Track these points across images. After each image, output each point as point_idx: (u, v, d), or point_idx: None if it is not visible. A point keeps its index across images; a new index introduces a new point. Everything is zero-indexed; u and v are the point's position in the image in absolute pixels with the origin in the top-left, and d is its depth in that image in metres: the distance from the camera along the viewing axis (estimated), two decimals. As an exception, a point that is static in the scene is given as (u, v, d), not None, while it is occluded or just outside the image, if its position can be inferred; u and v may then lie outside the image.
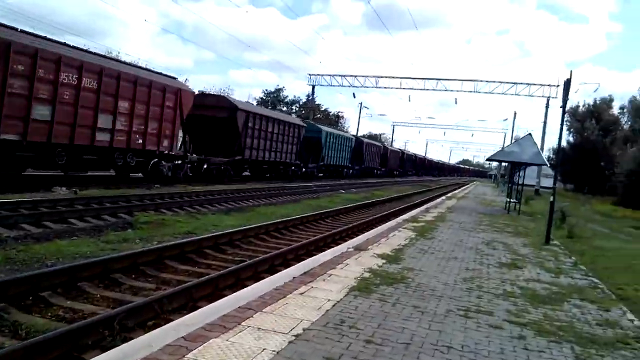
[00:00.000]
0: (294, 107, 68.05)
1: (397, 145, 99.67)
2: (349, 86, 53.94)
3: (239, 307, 4.84)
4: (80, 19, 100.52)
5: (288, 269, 6.74)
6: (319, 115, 65.84)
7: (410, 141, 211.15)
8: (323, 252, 8.33)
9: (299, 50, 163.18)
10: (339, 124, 72.89)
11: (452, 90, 52.67)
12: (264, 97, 66.78)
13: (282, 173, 33.29)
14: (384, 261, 7.92)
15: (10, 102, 13.99)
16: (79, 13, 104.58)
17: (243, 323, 4.44)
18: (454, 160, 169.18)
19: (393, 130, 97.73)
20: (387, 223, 13.54)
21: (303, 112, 63.16)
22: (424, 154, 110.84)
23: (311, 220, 14.99)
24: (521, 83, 49.91)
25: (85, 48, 19.16)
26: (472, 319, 5.32)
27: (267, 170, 31.74)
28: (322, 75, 54.69)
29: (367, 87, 53.60)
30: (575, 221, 20.47)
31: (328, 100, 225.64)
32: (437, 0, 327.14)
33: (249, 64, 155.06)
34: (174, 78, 22.43)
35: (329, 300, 5.41)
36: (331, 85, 54.96)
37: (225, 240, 10.17)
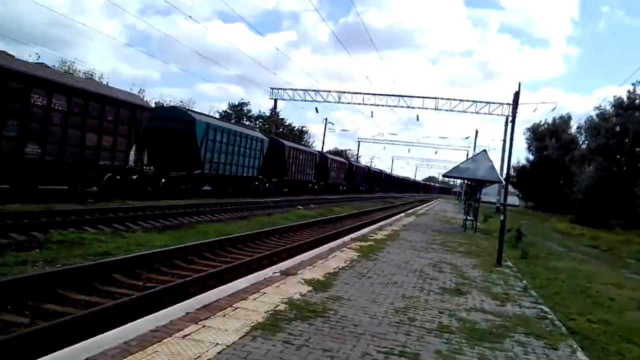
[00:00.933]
0: (258, 122, 66.86)
1: (363, 161, 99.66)
2: (312, 101, 53.33)
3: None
4: (39, 28, 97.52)
5: (182, 303, 5.67)
6: (281, 130, 64.91)
7: (375, 157, 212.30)
8: (239, 279, 7.28)
9: (265, 66, 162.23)
10: (304, 140, 72.09)
11: (414, 107, 52.72)
12: (229, 111, 65.44)
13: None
14: (310, 288, 6.94)
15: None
16: (39, 22, 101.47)
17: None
18: (420, 177, 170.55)
19: (358, 146, 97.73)
20: (332, 242, 12.60)
21: (267, 126, 62.13)
22: (389, 170, 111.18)
23: (253, 239, 13.93)
24: (481, 101, 50.25)
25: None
26: (391, 366, 4.38)
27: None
28: (285, 89, 53.95)
29: (329, 101, 53.02)
30: (532, 239, 20.10)
31: (295, 117, 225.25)
32: (407, 21, 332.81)
33: (216, 77, 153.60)
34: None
35: (217, 344, 4.39)
36: (293, 100, 54.23)
37: (143, 263, 9.04)
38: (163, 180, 23.30)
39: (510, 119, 12.50)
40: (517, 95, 11.76)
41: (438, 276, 9.16)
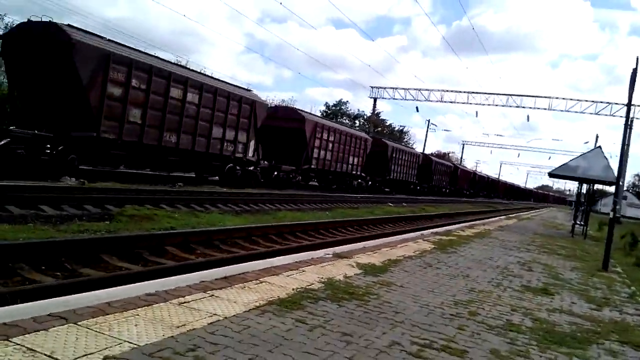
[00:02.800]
0: (357, 121, 66.31)
1: (468, 165, 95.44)
2: (413, 99, 51.72)
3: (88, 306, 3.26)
4: (167, 36, 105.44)
5: (202, 272, 5.08)
6: (380, 129, 63.77)
7: (481, 161, 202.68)
8: (281, 257, 6.58)
9: (374, 70, 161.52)
10: (404, 140, 70.31)
11: (524, 107, 49.23)
12: (327, 111, 65.55)
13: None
14: (359, 271, 6.08)
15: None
16: (168, 31, 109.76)
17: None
18: (531, 185, 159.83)
19: (462, 148, 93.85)
20: (407, 234, 11.55)
21: (367, 126, 61.39)
22: (497, 176, 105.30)
23: (328, 228, 13.27)
24: (601, 102, 45.60)
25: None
26: (422, 361, 3.42)
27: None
28: (385, 88, 52.91)
29: (431, 100, 51.08)
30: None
31: (399, 120, 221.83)
32: (525, 24, 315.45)
33: (326, 82, 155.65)
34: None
35: (213, 315, 3.71)
36: (394, 99, 53.00)
37: (202, 239, 8.71)
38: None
39: (627, 102, 10.58)
40: (634, 72, 9.91)
41: (524, 274, 7.83)
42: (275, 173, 25.26)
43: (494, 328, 4.49)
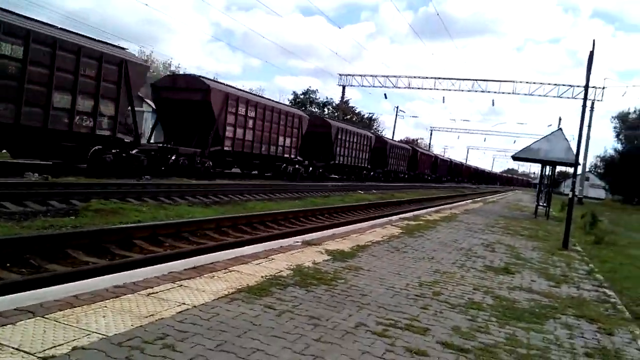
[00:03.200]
0: (325, 109, 66.34)
1: (436, 150, 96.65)
2: (381, 86, 52.01)
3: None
4: (131, 26, 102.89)
5: (170, 263, 5.12)
6: (349, 117, 64.00)
7: (449, 147, 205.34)
8: (250, 246, 6.66)
9: (343, 58, 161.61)
10: (372, 127, 70.69)
11: (489, 92, 50.06)
12: (296, 99, 65.38)
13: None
14: (328, 258, 6.20)
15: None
16: (133, 21, 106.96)
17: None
18: (497, 169, 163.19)
19: (431, 134, 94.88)
20: (376, 220, 11.74)
21: (336, 114, 61.46)
22: (465, 161, 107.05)
23: (299, 216, 13.37)
24: (563, 84, 46.77)
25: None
26: (386, 339, 3.56)
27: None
28: (353, 75, 53.05)
29: (399, 87, 51.50)
30: (612, 229, 18.08)
31: (369, 108, 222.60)
32: (491, 8, 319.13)
33: (295, 70, 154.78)
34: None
35: (182, 304, 3.76)
36: (362, 86, 53.21)
37: (170, 231, 8.68)
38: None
39: (585, 84, 10.94)
40: (591, 55, 10.26)
41: (487, 255, 8.10)
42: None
43: (456, 307, 4.67)
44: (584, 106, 11.64)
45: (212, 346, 3.04)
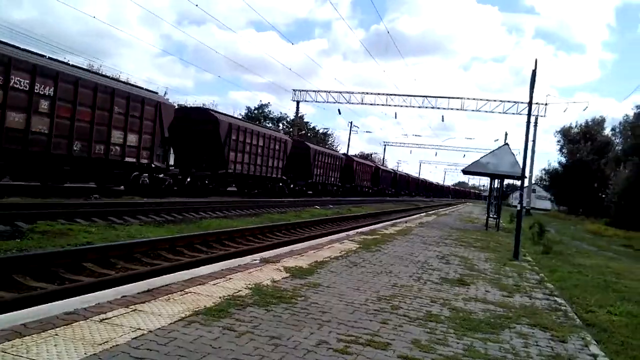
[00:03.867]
0: (280, 124, 66.39)
1: (390, 165, 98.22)
2: (334, 102, 52.55)
3: None
4: (79, 39, 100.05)
5: (123, 286, 4.96)
6: (304, 132, 64.25)
7: (402, 161, 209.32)
8: (207, 265, 6.54)
9: (297, 74, 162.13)
10: (328, 142, 71.28)
11: (439, 108, 51.45)
12: (249, 114, 65.05)
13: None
14: (286, 275, 6.15)
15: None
16: (80, 33, 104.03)
17: None
18: (449, 182, 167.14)
19: (384, 149, 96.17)
20: (334, 235, 11.78)
21: (290, 129, 61.61)
22: (417, 175, 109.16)
23: (256, 233, 13.24)
24: (508, 101, 48.61)
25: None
26: (348, 356, 3.55)
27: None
28: (307, 91, 53.36)
29: (352, 103, 52.15)
30: (560, 239, 18.83)
31: (323, 123, 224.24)
32: (440, 27, 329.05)
33: (248, 85, 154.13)
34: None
35: (137, 329, 3.64)
36: (316, 102, 53.62)
37: (122, 252, 8.41)
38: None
39: (528, 100, 11.42)
40: (534, 73, 10.75)
41: (442, 267, 8.25)
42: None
43: (415, 320, 4.72)
44: (528, 121, 12.15)
45: (171, 372, 2.95)
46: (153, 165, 20.81)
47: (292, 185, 34.86)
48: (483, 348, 4.08)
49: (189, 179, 23.93)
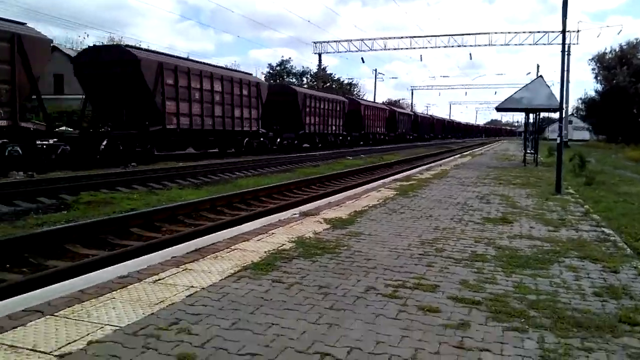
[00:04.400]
0: (303, 79, 65.62)
1: (418, 109, 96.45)
2: (357, 51, 51.41)
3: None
4: (100, 13, 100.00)
5: (170, 248, 5.08)
6: (329, 84, 63.39)
7: (431, 105, 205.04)
8: (248, 223, 6.63)
9: (316, 25, 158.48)
10: (353, 92, 70.20)
11: (465, 46, 49.79)
12: (271, 72, 64.51)
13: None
14: (327, 227, 6.19)
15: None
16: (97, 7, 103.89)
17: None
18: (481, 121, 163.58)
19: (412, 94, 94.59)
20: (370, 184, 11.75)
21: (314, 82, 60.85)
22: (445, 116, 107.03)
23: (292, 189, 13.33)
24: (538, 32, 46.50)
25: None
26: (398, 300, 3.58)
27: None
28: (328, 42, 52.33)
29: (375, 49, 50.92)
30: (601, 168, 18.31)
31: (347, 73, 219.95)
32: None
33: (269, 42, 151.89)
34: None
35: (190, 287, 3.74)
36: (338, 52, 52.56)
37: (165, 216, 8.62)
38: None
39: (562, 28, 10.86)
40: (567, -2, 10.16)
41: (483, 207, 8.15)
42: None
43: (461, 261, 4.70)
44: (563, 50, 11.59)
45: (227, 325, 3.03)
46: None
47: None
48: (533, 284, 4.04)
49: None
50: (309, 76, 66.10)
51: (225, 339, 2.83)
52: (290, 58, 67.76)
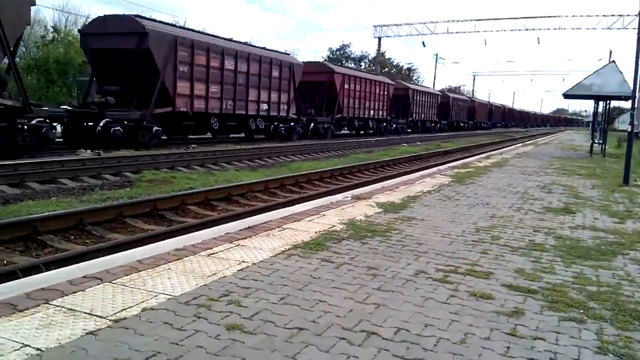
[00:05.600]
0: (362, 63, 64.98)
1: (480, 95, 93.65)
2: (418, 34, 50.37)
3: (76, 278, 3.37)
4: None
5: (225, 225, 5.17)
6: (387, 69, 62.55)
7: (493, 91, 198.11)
8: (301, 204, 6.67)
9: (377, 9, 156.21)
10: (413, 78, 68.98)
11: (533, 29, 47.70)
12: (330, 56, 64.19)
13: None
14: (379, 210, 6.14)
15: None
16: None
17: (52, 302, 2.98)
18: (546, 110, 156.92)
19: (474, 81, 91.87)
20: (425, 171, 11.55)
21: (373, 67, 60.21)
22: (510, 105, 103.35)
23: (345, 173, 13.33)
24: (612, 15, 43.76)
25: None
26: (449, 285, 3.50)
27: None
28: (389, 25, 51.52)
29: (437, 33, 49.68)
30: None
31: (405, 56, 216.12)
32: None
33: (329, 27, 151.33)
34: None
35: (242, 262, 3.81)
36: (399, 36, 51.71)
37: (221, 195, 8.84)
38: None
39: (639, 11, 10.17)
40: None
41: (544, 197, 7.83)
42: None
43: (518, 249, 4.54)
44: (639, 33, 10.86)
45: (276, 300, 3.07)
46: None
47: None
48: (594, 275, 3.85)
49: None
50: (367, 61, 65.41)
51: (273, 312, 2.87)
52: (350, 43, 67.01)
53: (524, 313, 3.04)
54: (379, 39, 52.64)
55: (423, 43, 53.04)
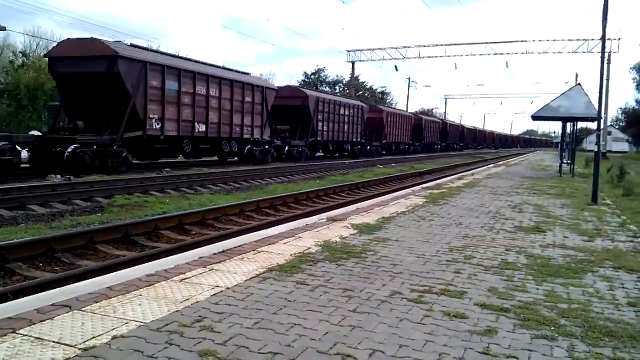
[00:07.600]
0: (336, 87, 65.75)
1: (452, 118, 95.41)
2: (391, 59, 51.31)
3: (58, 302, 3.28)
4: (145, 23, 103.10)
5: (198, 249, 5.12)
6: (361, 93, 63.39)
7: (465, 114, 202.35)
8: (275, 227, 6.65)
9: (352, 34, 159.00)
10: (387, 101, 70.01)
11: (501, 54, 49.12)
12: (306, 80, 64.88)
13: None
14: (354, 232, 6.16)
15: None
16: (144, 18, 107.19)
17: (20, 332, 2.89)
18: (516, 131, 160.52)
19: (446, 103, 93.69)
20: (399, 192, 11.65)
21: (347, 91, 60.93)
22: (482, 127, 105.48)
23: (321, 195, 13.35)
24: (578, 39, 45.44)
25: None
26: (423, 305, 3.51)
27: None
28: (362, 50, 52.38)
29: (409, 57, 50.70)
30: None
31: (378, 80, 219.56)
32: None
33: (305, 52, 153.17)
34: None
35: (216, 287, 3.76)
36: (372, 60, 52.57)
37: (195, 219, 8.73)
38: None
39: (601, 35, 10.60)
40: (606, 4, 9.91)
41: (515, 216, 7.97)
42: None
43: (490, 268, 4.60)
44: (603, 57, 11.29)
45: (250, 324, 3.03)
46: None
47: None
48: (565, 293, 3.92)
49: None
50: (341, 84, 66.19)
51: (247, 338, 2.83)
52: (324, 67, 67.95)
53: (497, 332, 3.07)
54: (353, 63, 53.44)
55: (395, 67, 53.90)
